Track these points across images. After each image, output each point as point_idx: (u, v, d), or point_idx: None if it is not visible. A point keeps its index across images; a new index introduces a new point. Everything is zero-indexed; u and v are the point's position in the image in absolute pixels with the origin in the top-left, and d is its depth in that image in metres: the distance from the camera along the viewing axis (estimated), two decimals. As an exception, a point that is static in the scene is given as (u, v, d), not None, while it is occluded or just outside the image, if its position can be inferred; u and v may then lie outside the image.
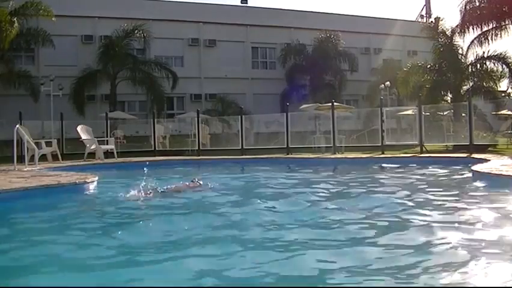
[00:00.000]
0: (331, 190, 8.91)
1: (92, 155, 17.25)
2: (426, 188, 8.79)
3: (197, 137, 20.37)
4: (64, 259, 4.51)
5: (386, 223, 5.78)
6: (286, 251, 4.55)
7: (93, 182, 9.29)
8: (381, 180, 10.46)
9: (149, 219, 6.46)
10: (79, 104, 25.84)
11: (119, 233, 5.51)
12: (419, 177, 10.81)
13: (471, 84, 22.91)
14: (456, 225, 5.47)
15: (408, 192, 8.09)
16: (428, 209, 6.42)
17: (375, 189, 8.87)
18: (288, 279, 3.86)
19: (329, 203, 7.26)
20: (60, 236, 5.52)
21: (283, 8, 35.63)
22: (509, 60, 22.53)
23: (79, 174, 10.19)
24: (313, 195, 7.91)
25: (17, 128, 13.44)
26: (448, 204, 6.95)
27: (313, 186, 9.52)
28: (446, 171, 11.60)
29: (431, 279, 3.69)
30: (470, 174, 9.70)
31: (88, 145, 17.36)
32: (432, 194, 7.80)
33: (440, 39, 22.97)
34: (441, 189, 8.45)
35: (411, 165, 13.02)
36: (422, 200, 7.32)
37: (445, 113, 22.03)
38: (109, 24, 27.08)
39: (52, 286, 3.74)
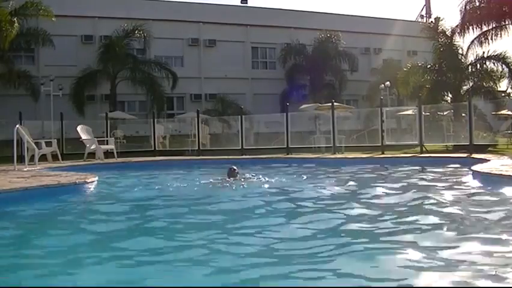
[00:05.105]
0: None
1: (92, 155, 17.25)
2: (426, 188, 8.79)
3: (197, 137, 20.38)
4: (66, 257, 4.51)
5: (389, 222, 5.79)
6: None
7: (93, 182, 9.29)
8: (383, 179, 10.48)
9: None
10: (79, 104, 25.84)
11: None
12: (418, 177, 10.81)
13: (471, 84, 22.90)
14: (456, 225, 5.47)
15: (407, 192, 8.11)
16: (426, 210, 6.42)
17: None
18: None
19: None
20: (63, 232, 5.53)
21: (283, 8, 35.59)
22: (509, 60, 22.54)
23: (79, 174, 10.19)
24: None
25: (17, 128, 13.44)
26: (448, 205, 6.94)
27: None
28: (446, 171, 11.59)
29: (431, 279, 3.69)
30: (470, 174, 9.69)
31: (88, 145, 17.36)
32: (432, 194, 7.79)
33: (440, 39, 22.95)
34: (441, 190, 8.44)
35: (410, 165, 13.01)
36: (420, 200, 7.31)
37: (445, 113, 22.01)
38: (109, 24, 27.08)
39: (52, 286, 3.73)
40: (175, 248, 4.84)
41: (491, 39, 21.81)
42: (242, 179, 9.93)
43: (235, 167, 10.15)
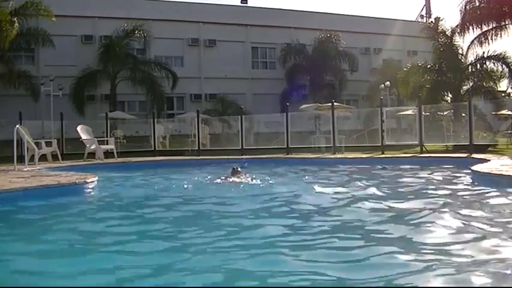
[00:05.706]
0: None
1: (92, 155, 17.24)
2: (426, 188, 8.79)
3: (197, 137, 20.38)
4: (65, 257, 4.51)
5: (402, 221, 5.79)
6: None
7: (93, 182, 9.29)
8: (381, 180, 10.48)
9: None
10: (79, 104, 25.84)
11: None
12: (418, 177, 10.81)
13: (471, 84, 22.91)
14: (456, 225, 5.47)
15: (407, 192, 8.11)
16: (426, 210, 6.42)
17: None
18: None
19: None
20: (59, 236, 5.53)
21: (283, 8, 35.58)
22: (509, 60, 22.54)
23: (78, 174, 10.19)
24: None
25: (17, 128, 13.44)
26: (448, 204, 6.94)
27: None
28: (446, 171, 11.59)
29: (430, 278, 3.70)
30: (470, 174, 9.69)
31: (88, 145, 17.35)
32: (431, 194, 7.79)
33: (440, 39, 22.96)
34: (440, 190, 8.44)
35: (411, 165, 13.02)
36: (421, 200, 7.32)
37: (445, 113, 22.02)
38: (109, 24, 27.07)
39: (52, 286, 3.73)
40: (179, 250, 4.81)
41: (491, 39, 21.83)
42: (245, 179, 9.97)
43: (238, 167, 10.23)
